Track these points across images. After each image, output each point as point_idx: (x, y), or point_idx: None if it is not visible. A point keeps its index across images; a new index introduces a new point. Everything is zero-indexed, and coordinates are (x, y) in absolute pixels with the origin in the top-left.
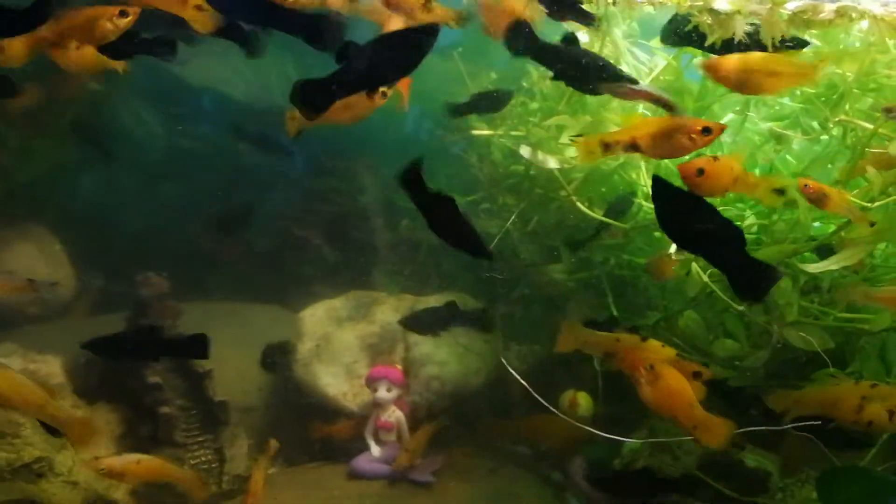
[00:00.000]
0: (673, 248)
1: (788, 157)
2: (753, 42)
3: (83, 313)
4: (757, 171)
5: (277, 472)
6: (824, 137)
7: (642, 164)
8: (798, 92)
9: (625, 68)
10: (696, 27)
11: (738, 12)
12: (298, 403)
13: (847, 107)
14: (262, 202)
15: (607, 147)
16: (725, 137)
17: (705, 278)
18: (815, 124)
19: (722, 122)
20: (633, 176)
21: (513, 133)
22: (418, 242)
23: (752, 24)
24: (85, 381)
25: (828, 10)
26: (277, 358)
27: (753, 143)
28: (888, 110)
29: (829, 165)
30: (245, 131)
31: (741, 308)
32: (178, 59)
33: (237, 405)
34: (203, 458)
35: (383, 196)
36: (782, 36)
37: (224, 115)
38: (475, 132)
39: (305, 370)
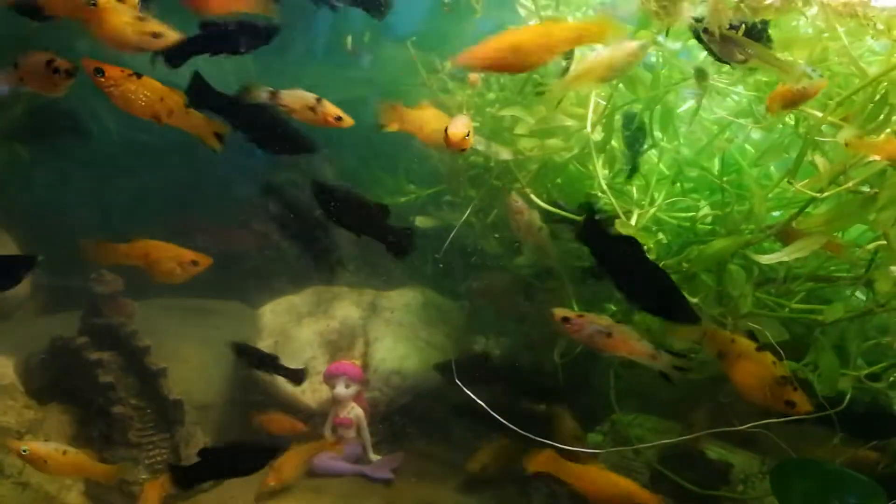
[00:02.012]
0: None
1: (747, 145)
2: None
3: (36, 312)
4: (716, 161)
5: None
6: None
7: (594, 156)
8: (751, 80)
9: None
10: None
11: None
12: (257, 401)
13: None
14: (220, 197)
15: None
16: (682, 127)
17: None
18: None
19: (679, 110)
20: (590, 167)
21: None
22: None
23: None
24: (37, 382)
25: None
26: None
27: (710, 132)
28: None
29: (785, 154)
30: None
31: (695, 300)
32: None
33: (195, 403)
34: (158, 458)
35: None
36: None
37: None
38: None
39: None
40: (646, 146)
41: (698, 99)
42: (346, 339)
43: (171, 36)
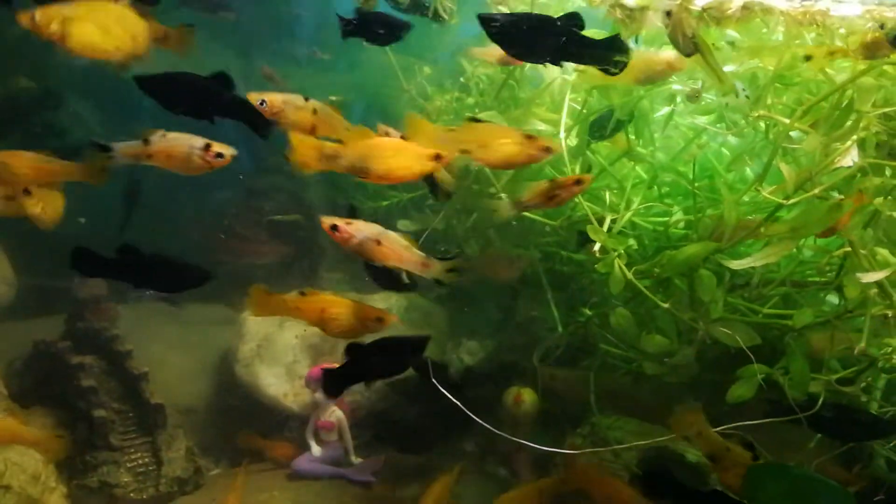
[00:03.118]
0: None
1: (724, 149)
2: None
3: (20, 316)
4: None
5: (218, 474)
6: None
7: (567, 161)
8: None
9: None
10: None
11: (648, 8)
12: (240, 404)
13: (768, 101)
14: (205, 200)
15: None
16: (656, 133)
17: (629, 275)
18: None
19: (656, 115)
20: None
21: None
22: None
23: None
24: (19, 385)
25: (735, 6)
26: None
27: (686, 137)
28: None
29: (756, 159)
30: None
31: (666, 305)
32: None
33: (178, 406)
34: (140, 461)
35: (327, 193)
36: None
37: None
38: None
39: (247, 371)
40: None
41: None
42: (328, 343)
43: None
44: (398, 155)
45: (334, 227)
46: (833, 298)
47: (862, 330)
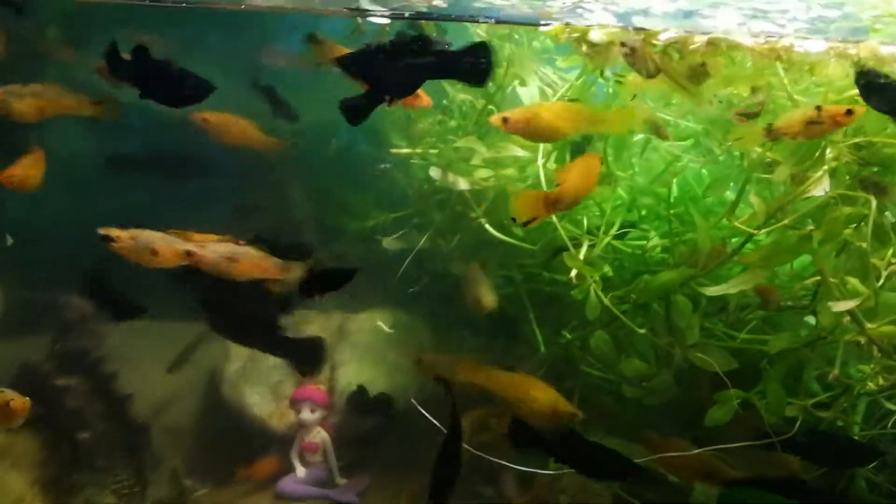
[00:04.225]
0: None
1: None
2: None
3: (6, 336)
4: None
5: (204, 495)
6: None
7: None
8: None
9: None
10: None
11: (613, 42)
12: (225, 424)
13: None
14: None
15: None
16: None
17: (606, 301)
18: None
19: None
20: None
21: (431, 151)
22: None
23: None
24: None
25: (699, 40)
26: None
27: (666, 161)
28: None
29: (731, 184)
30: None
31: (643, 331)
32: None
33: (163, 426)
34: (125, 483)
35: (314, 211)
36: None
37: (152, 130)
38: (394, 150)
39: (232, 391)
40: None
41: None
42: None
43: None
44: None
45: (107, 238)
46: (812, 320)
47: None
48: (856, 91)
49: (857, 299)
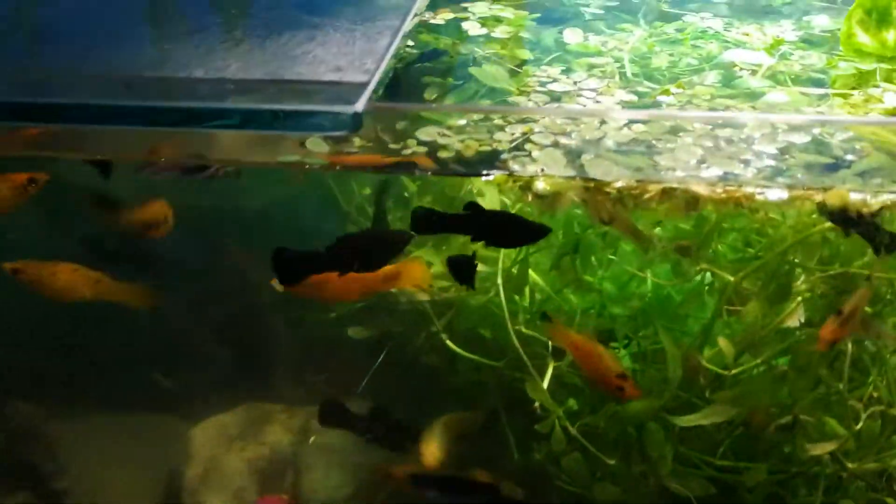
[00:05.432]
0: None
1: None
2: None
3: None
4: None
5: None
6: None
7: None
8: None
9: None
10: None
11: (560, 193)
12: None
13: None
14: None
15: None
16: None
17: (573, 431)
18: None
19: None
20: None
21: None
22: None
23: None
24: None
25: (654, 189)
26: None
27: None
28: None
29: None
30: None
31: (612, 462)
32: None
33: None
34: None
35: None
36: None
37: None
38: None
39: (192, 499)
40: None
41: None
42: (275, 467)
43: None
44: None
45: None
46: None
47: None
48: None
49: (833, 442)
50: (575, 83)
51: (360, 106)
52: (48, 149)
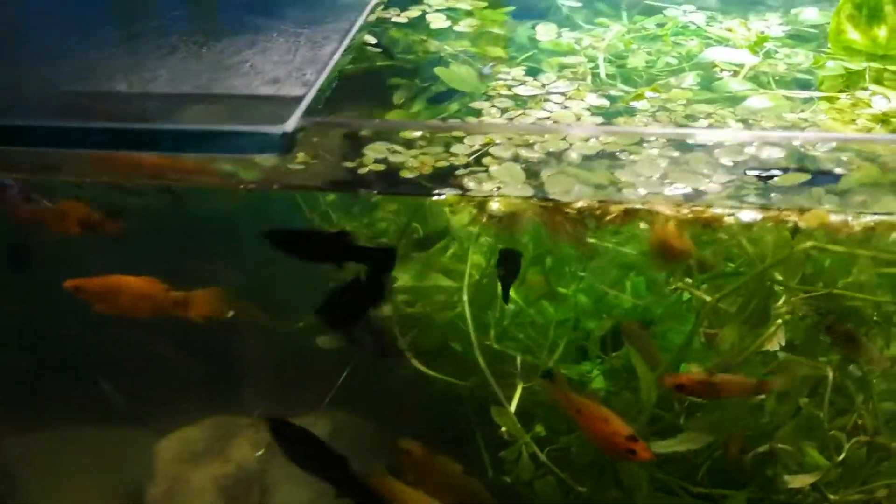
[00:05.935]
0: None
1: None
2: None
3: None
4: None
5: None
6: None
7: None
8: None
9: None
10: None
11: (517, 214)
12: None
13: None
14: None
15: None
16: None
17: (543, 457)
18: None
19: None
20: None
21: None
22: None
23: None
24: None
25: (615, 210)
26: None
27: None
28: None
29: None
30: None
31: (583, 489)
32: None
33: None
34: None
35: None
36: None
37: None
38: None
39: None
40: None
41: None
42: (242, 485)
43: None
44: None
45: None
46: None
47: None
48: None
49: (814, 474)
50: (543, 86)
51: (290, 125)
52: None
